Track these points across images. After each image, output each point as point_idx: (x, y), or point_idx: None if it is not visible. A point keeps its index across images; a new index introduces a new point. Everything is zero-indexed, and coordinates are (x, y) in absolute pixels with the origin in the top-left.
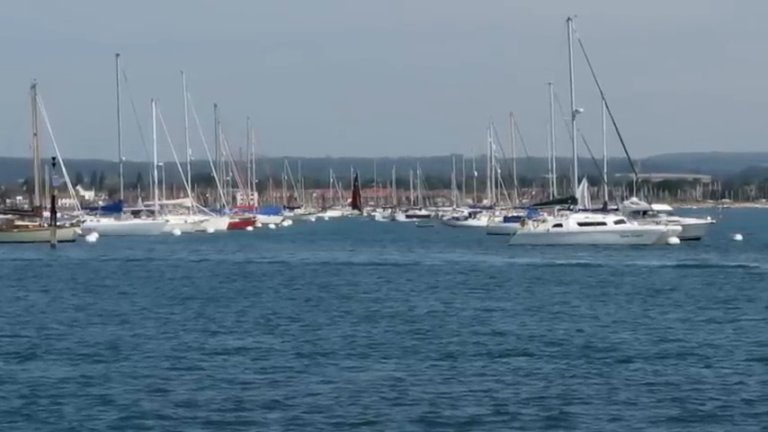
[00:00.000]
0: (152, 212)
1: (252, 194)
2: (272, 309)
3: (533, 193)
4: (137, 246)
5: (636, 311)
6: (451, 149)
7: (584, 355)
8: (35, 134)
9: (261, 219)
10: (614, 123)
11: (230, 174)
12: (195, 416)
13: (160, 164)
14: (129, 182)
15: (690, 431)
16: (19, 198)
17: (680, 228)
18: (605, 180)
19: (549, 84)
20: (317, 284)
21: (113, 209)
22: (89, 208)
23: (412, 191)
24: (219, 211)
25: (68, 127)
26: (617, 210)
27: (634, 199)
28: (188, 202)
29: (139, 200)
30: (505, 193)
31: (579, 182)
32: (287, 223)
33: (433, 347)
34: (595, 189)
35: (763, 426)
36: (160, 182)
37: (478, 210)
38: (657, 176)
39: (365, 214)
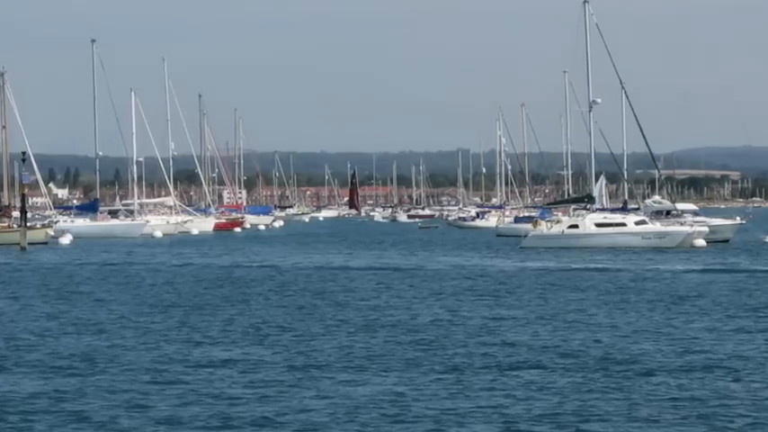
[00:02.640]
0: (131, 212)
1: (240, 193)
2: (261, 317)
3: (547, 191)
4: (114, 248)
5: (658, 320)
6: (458, 143)
7: (601, 367)
8: (4, 127)
9: (249, 219)
10: (635, 115)
11: (216, 170)
12: None
13: (140, 159)
14: (106, 179)
15: None
16: None
17: (706, 229)
18: (625, 177)
19: (564, 72)
20: (310, 291)
21: (89, 208)
22: (62, 207)
23: (414, 189)
24: (205, 211)
25: (40, 119)
26: (638, 209)
27: (656, 197)
28: (170, 200)
29: (117, 198)
30: (516, 191)
31: (597, 179)
32: (278, 224)
33: (437, 359)
34: (614, 187)
35: None
36: (140, 179)
37: (487, 209)
38: (682, 173)
39: (363, 214)
